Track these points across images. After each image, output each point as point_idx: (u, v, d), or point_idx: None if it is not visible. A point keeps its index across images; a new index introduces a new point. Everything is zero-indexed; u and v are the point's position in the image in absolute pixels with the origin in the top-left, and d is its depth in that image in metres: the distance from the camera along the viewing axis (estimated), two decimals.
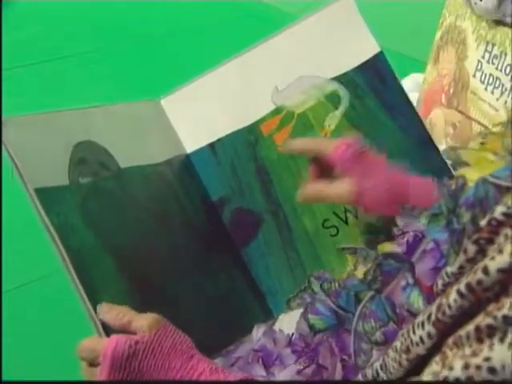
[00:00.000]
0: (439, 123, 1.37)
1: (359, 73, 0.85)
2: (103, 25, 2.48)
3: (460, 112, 1.34)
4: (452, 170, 0.78)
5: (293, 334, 0.66)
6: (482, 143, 0.52)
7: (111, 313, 0.62)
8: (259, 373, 0.66)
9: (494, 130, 0.54)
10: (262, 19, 2.44)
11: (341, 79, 0.85)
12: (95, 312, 0.64)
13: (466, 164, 0.59)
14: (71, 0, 2.51)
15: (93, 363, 0.60)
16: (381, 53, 0.85)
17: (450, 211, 0.48)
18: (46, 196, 0.66)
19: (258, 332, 0.70)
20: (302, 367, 0.63)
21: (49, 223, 0.64)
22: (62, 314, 0.67)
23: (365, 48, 0.85)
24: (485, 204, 0.45)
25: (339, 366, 0.61)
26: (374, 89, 0.85)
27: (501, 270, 0.40)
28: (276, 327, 0.70)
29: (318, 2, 0.87)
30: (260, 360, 0.66)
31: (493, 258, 0.40)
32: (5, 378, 1.22)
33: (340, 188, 0.71)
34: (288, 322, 0.68)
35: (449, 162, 0.74)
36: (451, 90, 1.35)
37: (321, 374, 0.63)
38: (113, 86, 2.07)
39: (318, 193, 0.73)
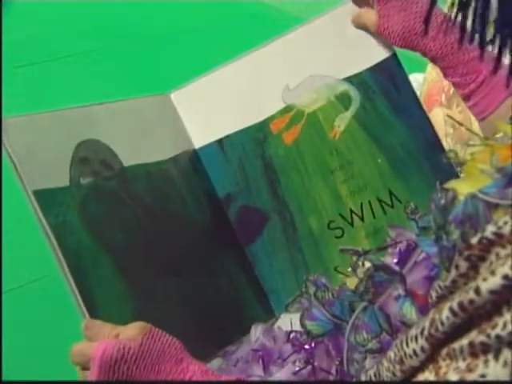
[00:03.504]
0: (439, 123, 1.37)
1: (371, 74, 0.84)
2: (103, 25, 2.48)
3: (460, 112, 1.34)
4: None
5: (291, 332, 0.66)
6: (472, 154, 0.52)
7: (95, 330, 0.62)
8: (257, 372, 0.65)
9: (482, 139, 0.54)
10: (262, 19, 2.44)
11: (352, 80, 0.84)
12: (89, 314, 0.64)
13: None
14: (71, 0, 2.51)
15: (85, 367, 0.60)
16: (394, 55, 0.84)
17: (439, 227, 0.48)
18: (45, 197, 0.66)
19: (256, 331, 0.70)
20: (297, 368, 0.63)
21: (46, 225, 0.64)
22: (62, 314, 0.67)
23: (378, 49, 0.84)
24: (474, 220, 0.45)
25: (334, 369, 0.61)
26: (385, 91, 0.84)
27: (492, 292, 0.40)
28: (276, 326, 0.70)
29: (318, 2, 0.87)
30: (259, 359, 0.66)
31: (485, 279, 0.41)
32: (5, 378, 1.22)
33: (369, 17, 0.82)
34: (288, 322, 0.68)
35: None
36: (451, 90, 1.35)
37: (316, 377, 0.63)
38: (113, 86, 2.07)
39: (359, 15, 0.83)
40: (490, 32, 0.44)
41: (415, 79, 1.56)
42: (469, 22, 0.44)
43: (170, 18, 2.54)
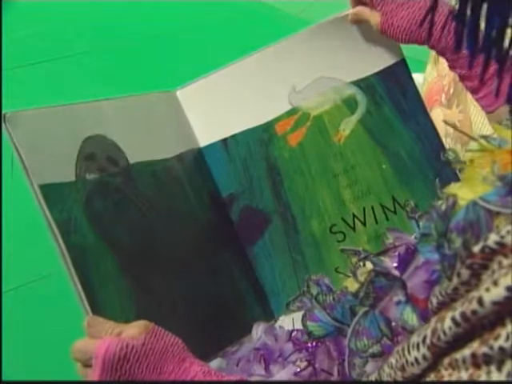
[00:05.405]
0: (439, 123, 1.37)
1: (379, 79, 0.84)
2: (103, 25, 2.48)
3: (460, 112, 1.34)
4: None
5: (293, 331, 0.67)
6: (471, 160, 0.52)
7: (98, 327, 0.62)
8: (258, 372, 0.66)
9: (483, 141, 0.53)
10: (262, 19, 2.44)
11: (360, 84, 0.84)
12: (92, 311, 0.64)
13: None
14: (71, 0, 2.50)
15: (86, 364, 0.60)
16: (403, 60, 0.84)
17: (441, 235, 0.48)
18: (51, 192, 0.66)
19: (257, 330, 0.70)
20: (298, 369, 0.63)
21: (51, 220, 0.64)
22: (62, 314, 0.67)
23: (387, 54, 0.84)
24: (476, 228, 0.44)
25: (336, 370, 0.62)
26: (392, 96, 0.84)
27: (496, 303, 0.40)
28: (277, 325, 0.70)
29: (318, 2, 0.87)
30: (261, 358, 0.66)
31: (488, 290, 0.41)
32: (5, 378, 1.22)
33: (374, 18, 0.81)
34: (289, 323, 0.68)
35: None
36: (451, 90, 1.35)
37: (317, 378, 0.63)
38: (112, 86, 2.07)
39: (358, 12, 0.83)
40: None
41: (415, 79, 1.55)
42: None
43: (170, 18, 2.54)
